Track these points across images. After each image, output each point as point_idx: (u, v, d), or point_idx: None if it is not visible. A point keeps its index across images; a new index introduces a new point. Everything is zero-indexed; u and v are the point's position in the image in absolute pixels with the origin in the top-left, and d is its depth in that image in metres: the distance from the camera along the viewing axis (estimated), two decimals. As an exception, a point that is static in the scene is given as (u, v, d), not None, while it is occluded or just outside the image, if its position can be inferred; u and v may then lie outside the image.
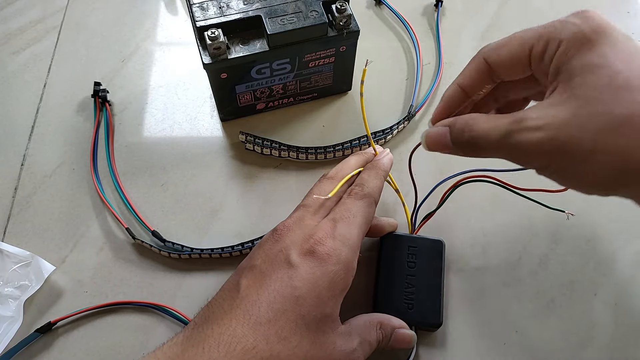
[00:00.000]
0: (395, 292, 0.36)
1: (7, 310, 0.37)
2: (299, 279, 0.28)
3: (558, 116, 0.23)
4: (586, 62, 0.24)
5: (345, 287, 0.30)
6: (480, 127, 0.26)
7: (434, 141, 0.29)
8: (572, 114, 0.23)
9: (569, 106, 0.23)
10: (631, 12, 0.55)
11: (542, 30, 0.26)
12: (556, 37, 0.25)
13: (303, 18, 0.39)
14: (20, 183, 0.44)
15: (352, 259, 0.30)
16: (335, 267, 0.29)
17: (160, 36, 0.52)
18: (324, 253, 0.29)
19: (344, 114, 0.48)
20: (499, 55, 0.28)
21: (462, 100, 0.31)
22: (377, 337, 0.32)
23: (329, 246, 0.29)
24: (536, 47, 0.26)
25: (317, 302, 0.28)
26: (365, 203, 0.33)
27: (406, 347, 0.34)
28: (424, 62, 0.51)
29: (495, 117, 0.26)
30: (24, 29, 0.52)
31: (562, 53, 0.25)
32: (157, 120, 0.47)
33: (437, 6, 0.54)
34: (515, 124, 0.25)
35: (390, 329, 0.33)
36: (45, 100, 0.48)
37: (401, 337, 0.33)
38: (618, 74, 0.23)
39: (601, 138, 0.22)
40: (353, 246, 0.30)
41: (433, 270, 0.37)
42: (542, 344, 0.37)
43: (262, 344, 0.26)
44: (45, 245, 0.41)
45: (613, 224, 0.42)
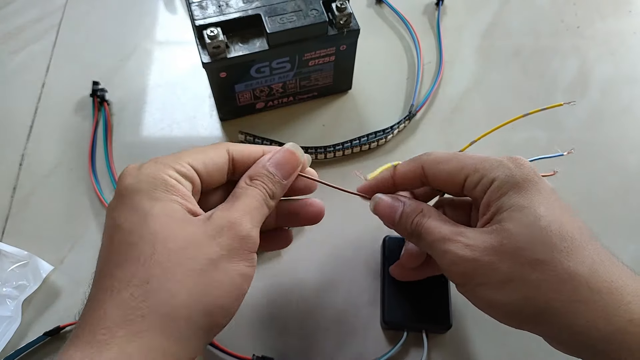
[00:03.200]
0: (403, 297, 0.36)
1: (5, 310, 0.37)
2: (114, 210, 0.25)
3: (486, 242, 0.26)
4: (515, 202, 0.27)
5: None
6: (427, 221, 0.29)
7: (383, 211, 0.31)
8: (498, 242, 0.26)
9: (497, 236, 0.26)
10: (632, 11, 0.54)
11: (479, 164, 0.29)
12: (491, 175, 0.28)
13: (303, 17, 0.39)
14: (19, 183, 0.44)
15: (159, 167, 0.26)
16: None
17: (159, 35, 0.52)
18: None
19: (344, 113, 0.47)
20: (438, 170, 0.30)
21: (391, 188, 0.33)
22: (256, 192, 0.27)
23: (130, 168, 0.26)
24: (471, 177, 0.29)
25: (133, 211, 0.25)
26: None
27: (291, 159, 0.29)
28: (424, 61, 0.50)
29: (442, 220, 0.29)
30: (22, 28, 0.52)
31: (494, 190, 0.28)
32: (156, 119, 0.47)
33: (438, 5, 0.53)
34: (453, 234, 0.28)
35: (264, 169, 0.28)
36: (44, 100, 0.48)
37: (280, 159, 0.28)
38: (541, 217, 0.26)
39: (518, 269, 0.25)
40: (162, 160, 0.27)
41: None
42: (545, 345, 0.37)
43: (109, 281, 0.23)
44: (44, 245, 0.40)
45: (613, 223, 0.42)
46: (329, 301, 0.39)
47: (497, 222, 0.27)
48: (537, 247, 0.25)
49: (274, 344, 0.37)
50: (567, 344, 0.26)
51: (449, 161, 0.30)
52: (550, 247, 0.25)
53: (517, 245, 0.26)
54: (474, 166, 0.29)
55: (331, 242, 0.41)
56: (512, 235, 0.26)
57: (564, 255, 0.25)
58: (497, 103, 0.48)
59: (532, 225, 0.26)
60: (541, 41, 0.52)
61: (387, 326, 0.36)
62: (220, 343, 0.36)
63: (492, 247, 0.26)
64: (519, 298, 0.25)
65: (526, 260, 0.25)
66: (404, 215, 0.30)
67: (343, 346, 0.37)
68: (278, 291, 0.39)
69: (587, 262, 0.25)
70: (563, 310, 0.25)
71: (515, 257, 0.25)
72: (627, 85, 0.49)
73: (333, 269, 0.40)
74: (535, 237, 0.25)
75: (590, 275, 0.25)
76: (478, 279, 0.27)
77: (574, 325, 0.25)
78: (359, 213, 0.42)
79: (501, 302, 0.26)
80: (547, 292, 0.25)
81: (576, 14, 0.54)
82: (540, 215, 0.26)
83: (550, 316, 0.25)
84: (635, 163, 0.45)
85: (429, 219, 0.29)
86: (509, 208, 0.27)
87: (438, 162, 0.30)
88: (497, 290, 0.26)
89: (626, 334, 0.24)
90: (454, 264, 0.27)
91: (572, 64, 0.51)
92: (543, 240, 0.25)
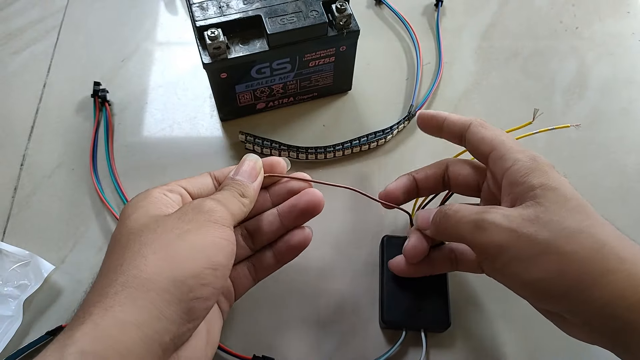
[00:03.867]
0: (402, 296, 0.36)
1: (6, 309, 0.37)
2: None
3: (523, 214, 0.28)
4: (544, 182, 0.28)
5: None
6: (459, 211, 0.30)
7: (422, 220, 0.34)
8: (535, 215, 0.27)
9: (533, 210, 0.28)
10: (631, 12, 0.54)
11: (500, 145, 0.31)
12: (511, 156, 0.30)
13: (303, 18, 0.39)
14: (20, 183, 0.44)
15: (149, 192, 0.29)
16: None
17: (160, 36, 0.52)
18: None
19: (344, 113, 0.48)
20: (461, 168, 0.34)
21: (412, 193, 0.36)
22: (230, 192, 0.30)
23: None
24: (495, 151, 0.31)
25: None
26: None
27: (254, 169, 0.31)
28: (424, 61, 0.51)
29: (470, 206, 0.30)
30: (23, 29, 0.52)
31: (517, 170, 0.29)
32: (157, 120, 0.47)
33: (437, 6, 0.54)
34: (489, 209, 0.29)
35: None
36: (45, 101, 0.48)
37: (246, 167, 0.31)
38: (571, 199, 0.28)
39: (555, 241, 0.26)
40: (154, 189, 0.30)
41: None
42: (544, 344, 0.37)
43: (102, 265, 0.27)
44: (45, 245, 0.41)
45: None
46: (329, 301, 0.39)
47: (529, 198, 0.28)
48: (570, 220, 0.27)
49: (274, 344, 0.37)
50: (590, 321, 0.26)
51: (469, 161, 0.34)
52: (581, 221, 0.27)
53: (552, 218, 0.27)
54: (501, 142, 0.31)
55: (330, 242, 0.41)
56: (547, 209, 0.27)
57: (594, 229, 0.27)
58: (496, 104, 0.48)
59: (564, 202, 0.27)
60: (540, 42, 0.52)
61: (386, 325, 0.37)
62: (221, 342, 0.36)
63: (529, 219, 0.27)
64: (554, 272, 0.26)
65: (562, 232, 0.26)
66: (435, 217, 0.32)
67: (342, 346, 0.37)
68: (278, 291, 0.39)
69: (614, 234, 0.27)
70: (593, 281, 0.25)
71: (551, 229, 0.27)
72: (625, 86, 0.50)
73: (332, 268, 0.40)
74: (568, 211, 0.27)
75: (619, 245, 0.26)
76: (514, 251, 0.27)
77: (602, 297, 0.25)
78: (358, 213, 0.42)
79: (535, 278, 0.27)
80: (581, 263, 0.26)
81: (575, 15, 0.54)
82: (569, 197, 0.28)
83: (581, 291, 0.26)
84: (634, 163, 0.45)
85: (459, 208, 0.31)
86: (539, 186, 0.28)
87: (461, 161, 0.35)
88: (532, 265, 0.27)
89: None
90: (492, 234, 0.28)
91: (571, 65, 0.51)
92: (575, 215, 0.27)
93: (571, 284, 0.26)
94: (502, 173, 0.30)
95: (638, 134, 0.47)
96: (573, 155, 0.46)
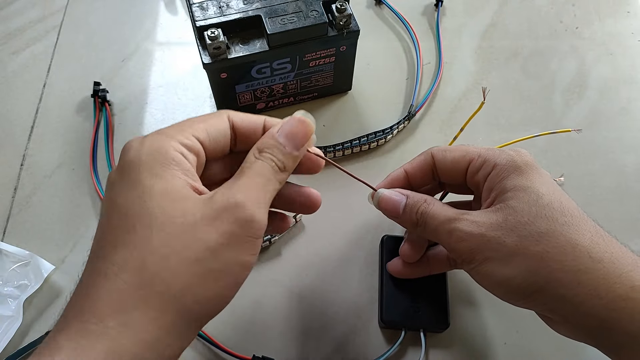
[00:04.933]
0: (401, 296, 0.36)
1: (7, 309, 0.37)
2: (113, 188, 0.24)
3: (491, 219, 0.28)
4: (517, 183, 0.28)
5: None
6: (432, 208, 0.30)
7: (388, 204, 0.32)
8: (503, 219, 0.27)
9: (501, 213, 0.28)
10: (631, 12, 0.55)
11: (483, 151, 0.31)
12: (492, 161, 0.30)
13: (303, 18, 0.39)
14: (20, 183, 0.44)
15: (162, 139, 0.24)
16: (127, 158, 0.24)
17: (160, 36, 0.52)
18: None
19: (344, 113, 0.48)
20: (444, 157, 0.32)
21: (405, 186, 0.34)
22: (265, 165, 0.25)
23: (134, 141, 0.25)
24: (474, 162, 0.31)
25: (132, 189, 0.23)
26: None
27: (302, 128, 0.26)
28: (424, 61, 0.51)
29: (446, 206, 0.30)
30: (23, 29, 0.52)
31: (496, 175, 0.29)
32: (157, 120, 0.47)
33: (437, 6, 0.54)
34: (459, 214, 0.29)
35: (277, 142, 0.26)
36: (45, 100, 0.48)
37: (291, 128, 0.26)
38: (543, 195, 0.28)
39: (523, 243, 0.27)
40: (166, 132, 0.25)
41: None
42: (542, 344, 0.37)
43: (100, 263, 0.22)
44: (45, 245, 0.41)
45: (614, 223, 0.42)
46: (328, 301, 0.39)
47: (501, 201, 0.28)
48: (540, 220, 0.27)
49: (274, 344, 0.37)
50: (569, 319, 0.27)
51: (455, 149, 0.32)
52: (553, 220, 0.27)
53: (521, 220, 0.27)
54: (477, 152, 0.31)
55: (330, 242, 0.41)
56: (516, 211, 0.27)
57: (565, 228, 0.26)
58: (496, 103, 0.48)
59: (534, 202, 0.27)
60: (540, 42, 0.52)
61: (385, 325, 0.37)
62: (221, 342, 0.36)
63: (497, 223, 0.27)
64: (524, 271, 0.26)
65: (530, 233, 0.27)
66: (408, 205, 0.31)
67: (342, 346, 0.37)
68: (278, 291, 0.39)
69: (587, 234, 0.27)
70: (566, 280, 0.26)
71: (519, 231, 0.27)
72: (625, 86, 0.50)
73: (332, 268, 0.40)
74: (538, 212, 0.27)
75: (591, 246, 0.26)
76: (485, 253, 0.28)
77: (577, 295, 0.26)
78: (358, 212, 0.42)
79: (506, 277, 0.27)
80: (551, 262, 0.26)
81: (575, 15, 0.54)
82: (542, 194, 0.28)
83: (554, 288, 0.26)
84: (633, 163, 0.45)
85: (433, 206, 0.30)
86: (511, 189, 0.28)
87: (445, 150, 0.32)
88: (503, 265, 0.27)
89: (628, 300, 0.25)
90: (461, 240, 0.28)
91: (571, 65, 0.51)
92: (545, 214, 0.27)
93: (543, 283, 0.26)
94: (483, 182, 0.30)
95: (637, 134, 0.47)
96: (572, 155, 0.46)
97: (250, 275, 0.35)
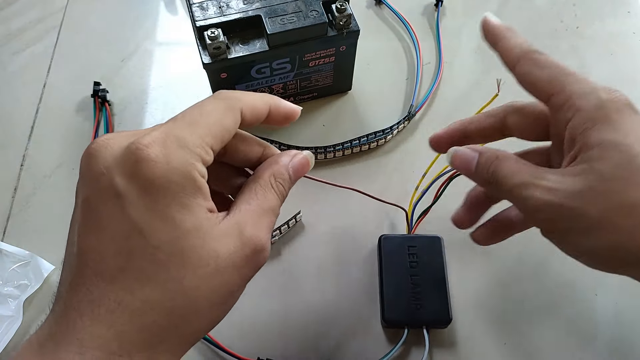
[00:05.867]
0: (401, 294, 0.36)
1: (6, 309, 0.37)
2: (133, 208, 0.21)
3: (572, 185, 0.24)
4: (605, 137, 0.24)
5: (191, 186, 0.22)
6: (505, 167, 0.27)
7: (460, 161, 0.29)
8: (587, 186, 0.23)
9: (585, 178, 0.24)
10: (631, 12, 0.54)
11: (568, 85, 0.26)
12: (574, 103, 0.25)
13: (303, 18, 0.39)
14: (20, 183, 0.44)
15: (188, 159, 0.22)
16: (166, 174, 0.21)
17: (160, 36, 0.52)
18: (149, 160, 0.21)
19: (344, 113, 0.48)
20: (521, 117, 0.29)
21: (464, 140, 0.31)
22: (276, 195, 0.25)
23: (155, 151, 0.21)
24: (555, 97, 0.26)
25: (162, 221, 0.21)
26: None
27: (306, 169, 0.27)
28: (424, 61, 0.50)
29: (521, 164, 0.26)
30: (23, 29, 0.52)
31: (579, 123, 0.25)
32: (157, 120, 0.47)
33: (437, 6, 0.54)
34: (534, 178, 0.25)
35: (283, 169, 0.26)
36: (45, 101, 0.48)
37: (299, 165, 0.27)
38: (637, 157, 0.23)
39: (610, 216, 0.23)
40: (190, 144, 0.22)
41: (436, 268, 0.37)
42: (542, 344, 0.37)
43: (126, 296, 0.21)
44: (45, 245, 0.41)
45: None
46: (329, 301, 0.39)
47: (584, 160, 0.24)
48: (632, 189, 0.23)
49: (276, 346, 0.37)
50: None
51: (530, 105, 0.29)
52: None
53: (608, 189, 0.23)
54: (561, 86, 0.26)
55: (330, 242, 0.41)
56: (602, 176, 0.23)
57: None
58: (496, 104, 0.48)
59: (626, 164, 0.23)
60: (540, 41, 0.52)
61: (387, 324, 0.37)
62: (224, 345, 0.36)
63: (579, 191, 0.23)
64: (610, 246, 0.23)
65: (619, 204, 0.23)
66: (480, 164, 0.28)
67: (344, 347, 0.37)
68: (278, 293, 0.39)
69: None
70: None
71: (606, 201, 0.23)
72: (626, 86, 0.49)
73: (332, 268, 0.40)
74: (630, 177, 0.23)
75: None
76: (565, 224, 0.24)
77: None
78: (357, 213, 0.42)
79: (590, 249, 0.24)
80: None
81: (575, 15, 0.54)
82: (635, 154, 0.23)
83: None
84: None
85: (506, 164, 0.27)
86: (598, 144, 0.24)
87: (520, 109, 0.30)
88: (586, 237, 0.24)
89: None
90: (538, 210, 0.25)
91: (571, 65, 0.49)
92: (638, 183, 0.23)
93: (634, 260, 0.23)
94: (563, 127, 0.26)
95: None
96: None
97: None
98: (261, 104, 0.26)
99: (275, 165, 0.26)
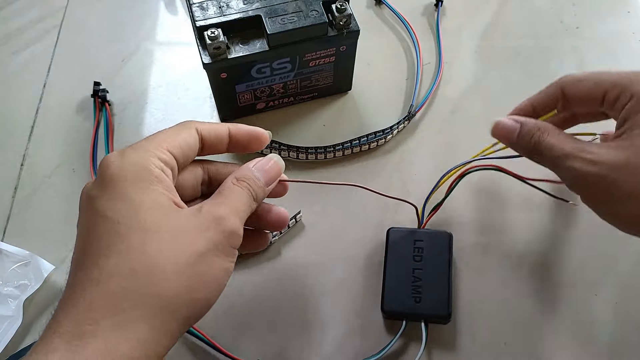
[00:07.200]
0: (402, 286, 0.36)
1: (7, 309, 0.37)
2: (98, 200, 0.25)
3: (613, 159, 0.26)
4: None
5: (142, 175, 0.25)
6: (547, 138, 0.29)
7: (502, 130, 0.31)
8: (625, 158, 0.26)
9: (625, 153, 0.26)
10: (631, 12, 0.54)
11: (618, 78, 0.29)
12: (629, 90, 0.28)
13: (303, 17, 0.39)
14: (20, 183, 0.44)
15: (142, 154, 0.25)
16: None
17: (160, 36, 0.52)
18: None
19: (345, 113, 0.48)
20: (576, 88, 0.31)
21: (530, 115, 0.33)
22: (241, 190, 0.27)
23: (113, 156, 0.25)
24: (610, 93, 0.29)
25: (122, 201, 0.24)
26: None
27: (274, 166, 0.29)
28: (424, 61, 0.50)
29: (563, 136, 0.29)
30: (23, 29, 0.52)
31: (632, 107, 0.27)
32: (157, 120, 0.47)
33: (437, 6, 0.54)
34: (576, 150, 0.27)
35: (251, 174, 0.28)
36: (45, 101, 0.48)
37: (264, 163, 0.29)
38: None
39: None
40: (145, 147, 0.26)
41: (441, 263, 0.37)
42: (542, 344, 0.37)
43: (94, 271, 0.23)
44: (45, 245, 0.41)
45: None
46: (329, 300, 0.39)
47: (628, 138, 0.27)
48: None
49: (275, 344, 0.37)
50: None
51: (586, 78, 0.31)
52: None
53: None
54: (612, 81, 0.29)
55: (330, 241, 0.41)
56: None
57: None
58: (496, 103, 0.48)
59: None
60: (540, 42, 0.52)
61: (386, 315, 0.37)
62: (225, 348, 0.36)
63: (618, 163, 0.26)
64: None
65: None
66: (522, 133, 0.30)
67: (342, 344, 0.37)
68: (278, 290, 0.39)
69: None
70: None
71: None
72: (625, 86, 0.50)
73: (332, 267, 0.40)
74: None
75: None
76: (603, 194, 0.27)
77: None
78: (358, 211, 0.42)
79: (625, 215, 0.27)
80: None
81: (575, 15, 0.54)
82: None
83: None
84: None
85: (548, 135, 0.29)
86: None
87: (578, 79, 0.31)
88: (622, 205, 0.26)
89: None
90: (578, 180, 0.27)
91: (571, 65, 0.51)
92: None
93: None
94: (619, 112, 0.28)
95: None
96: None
97: (250, 276, 0.35)
98: (219, 126, 0.29)
99: (239, 171, 0.28)
